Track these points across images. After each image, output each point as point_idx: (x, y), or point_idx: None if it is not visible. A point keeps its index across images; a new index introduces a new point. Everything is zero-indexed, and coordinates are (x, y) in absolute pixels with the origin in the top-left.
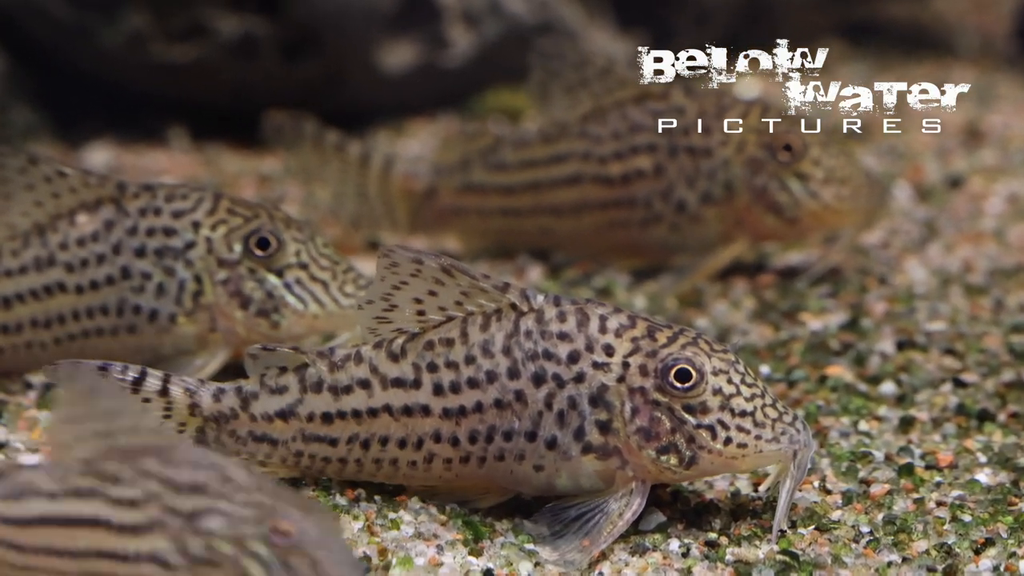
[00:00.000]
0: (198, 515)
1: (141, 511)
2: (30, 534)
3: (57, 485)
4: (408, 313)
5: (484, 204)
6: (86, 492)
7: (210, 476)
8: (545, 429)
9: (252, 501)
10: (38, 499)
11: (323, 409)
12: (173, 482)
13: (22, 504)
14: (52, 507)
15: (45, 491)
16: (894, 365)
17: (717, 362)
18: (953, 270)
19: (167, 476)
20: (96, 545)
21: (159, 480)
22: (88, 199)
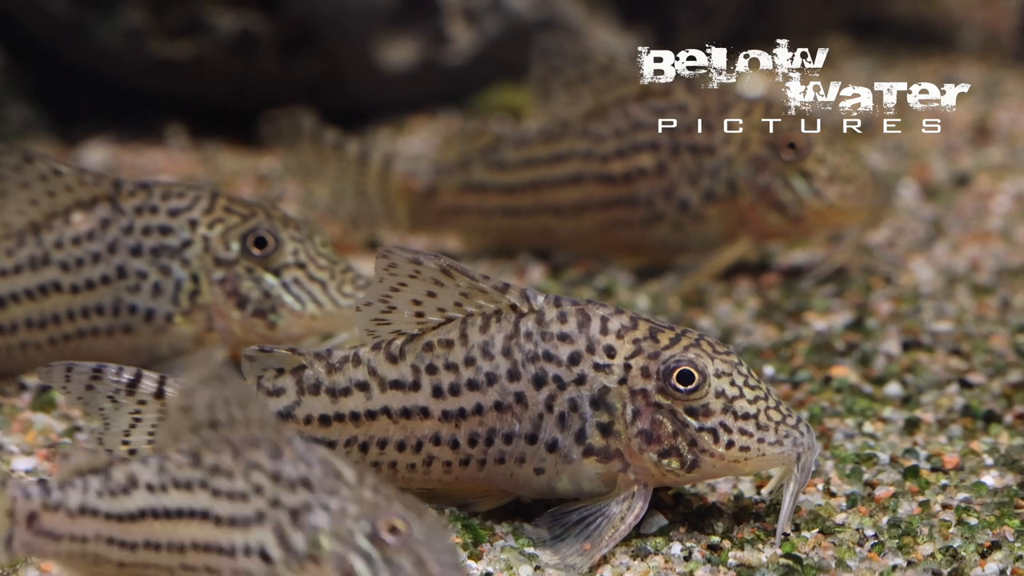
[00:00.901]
0: (303, 510)
1: (246, 504)
2: (133, 529)
3: (160, 477)
4: (407, 314)
5: (485, 203)
6: (191, 484)
7: (317, 472)
8: (546, 432)
9: (358, 498)
10: (143, 492)
11: (321, 411)
12: (280, 476)
13: (128, 497)
14: (157, 499)
15: (148, 483)
16: (899, 366)
17: (720, 364)
18: (959, 270)
19: (275, 470)
20: (199, 538)
21: (266, 474)
22: (84, 197)
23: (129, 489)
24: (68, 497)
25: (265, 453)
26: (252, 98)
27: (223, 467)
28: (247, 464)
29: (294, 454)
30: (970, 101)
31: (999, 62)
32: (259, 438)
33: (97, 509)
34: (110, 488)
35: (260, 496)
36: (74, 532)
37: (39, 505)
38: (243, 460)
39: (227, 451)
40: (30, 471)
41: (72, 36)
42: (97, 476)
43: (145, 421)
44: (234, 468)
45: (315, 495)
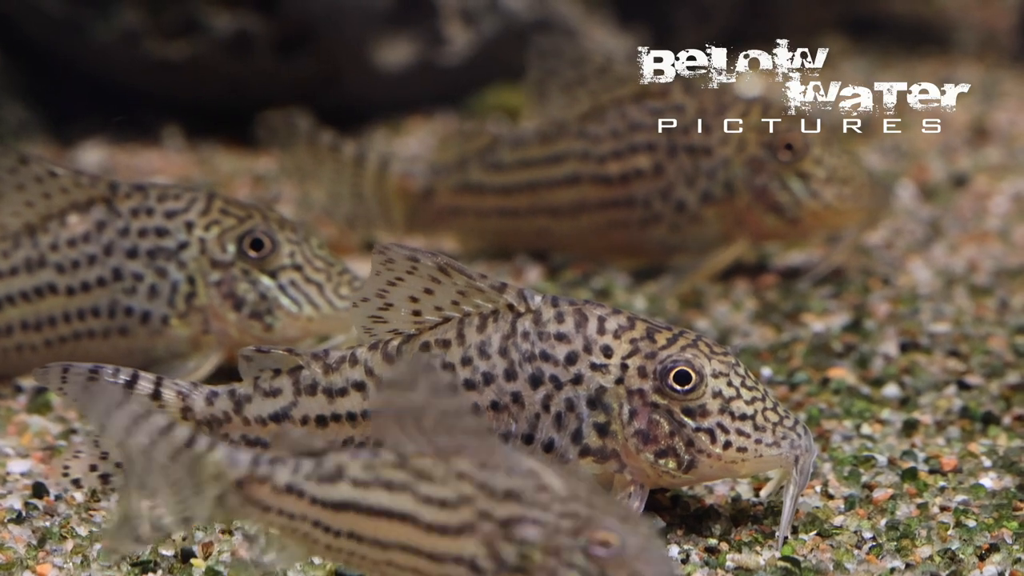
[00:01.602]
0: (513, 522)
1: (454, 512)
2: (338, 518)
3: (366, 474)
4: (403, 311)
5: (481, 204)
6: (396, 486)
7: (526, 483)
8: (542, 432)
9: (569, 511)
10: (348, 485)
11: (317, 412)
12: (488, 487)
13: (334, 487)
14: (361, 495)
15: (355, 478)
16: (897, 367)
17: (717, 364)
18: (958, 271)
19: (482, 480)
20: (404, 540)
21: (474, 483)
22: (79, 199)
23: (336, 479)
24: (276, 473)
25: (473, 462)
26: (248, 98)
27: (429, 472)
28: (455, 472)
29: (503, 465)
30: (968, 101)
31: (997, 62)
32: (467, 445)
33: (304, 491)
34: (320, 474)
35: (468, 506)
36: (282, 508)
37: (246, 474)
38: (451, 468)
39: (436, 457)
40: (25, 474)
41: (68, 36)
42: (311, 459)
43: None
44: (442, 475)
45: (525, 508)
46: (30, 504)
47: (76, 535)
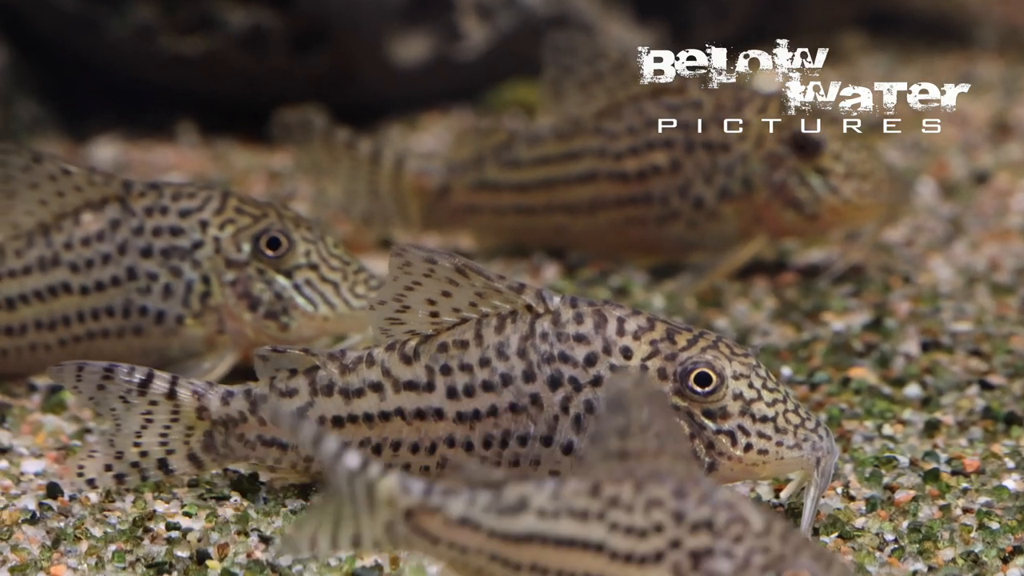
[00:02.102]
0: (704, 554)
1: (645, 541)
2: (520, 551)
3: (554, 503)
4: (421, 314)
5: (498, 202)
6: (588, 515)
7: (722, 514)
8: (561, 434)
9: (762, 546)
10: (533, 516)
11: (334, 412)
12: (683, 516)
13: (516, 519)
14: (548, 526)
15: (542, 509)
16: (919, 367)
17: (738, 366)
18: (979, 269)
19: (677, 508)
20: (592, 570)
21: (668, 511)
22: (93, 198)
23: (519, 510)
24: (450, 504)
25: (669, 490)
26: (263, 94)
27: (623, 500)
28: (648, 500)
29: (699, 494)
30: (989, 97)
31: (1018, 58)
32: (664, 473)
33: (480, 524)
34: (499, 506)
35: (660, 535)
36: (454, 540)
37: (417, 504)
38: (644, 495)
39: (628, 483)
40: (40, 474)
41: (81, 31)
42: (487, 491)
43: (157, 422)
44: (634, 502)
45: (719, 540)
46: (44, 505)
47: (91, 536)
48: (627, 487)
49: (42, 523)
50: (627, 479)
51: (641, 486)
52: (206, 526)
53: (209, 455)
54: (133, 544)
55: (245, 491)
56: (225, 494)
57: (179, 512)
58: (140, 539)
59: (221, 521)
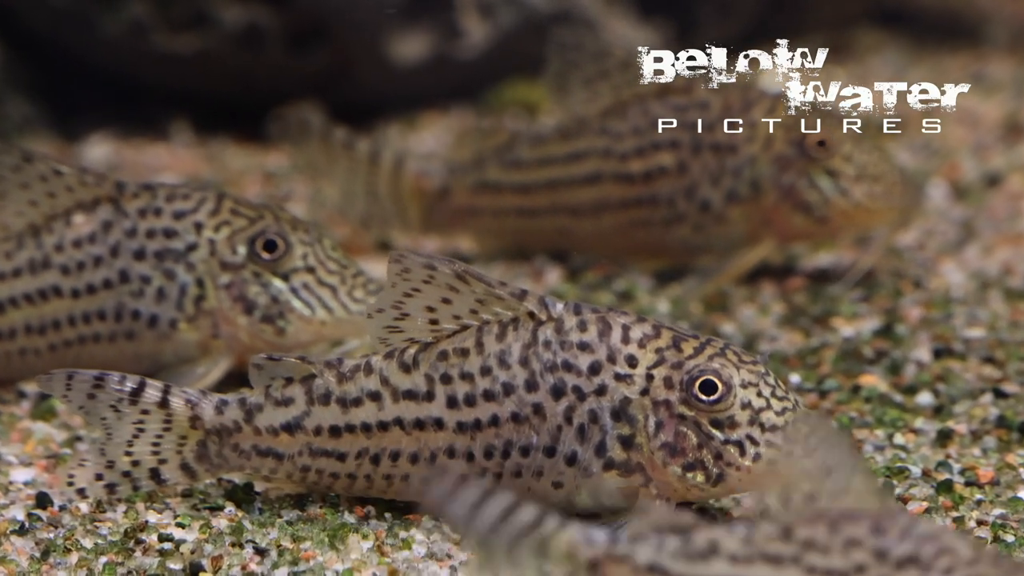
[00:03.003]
0: None
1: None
2: None
3: (746, 549)
4: (420, 322)
5: (499, 203)
6: (782, 559)
7: (928, 547)
8: (565, 444)
9: (977, 575)
10: (724, 562)
11: (331, 422)
12: (885, 553)
13: (707, 564)
14: (740, 571)
15: (733, 554)
16: (931, 374)
17: (746, 374)
18: (992, 273)
19: (878, 546)
20: None
21: (869, 550)
22: (85, 199)
23: (708, 556)
24: (637, 551)
25: (866, 528)
26: (259, 93)
27: (818, 542)
28: (845, 540)
29: (899, 529)
30: (1000, 97)
31: None
32: (858, 512)
33: (669, 571)
34: (688, 551)
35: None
36: None
37: (603, 553)
38: (840, 535)
39: (822, 525)
40: (29, 483)
41: (73, 28)
42: (675, 536)
43: (149, 431)
44: (830, 543)
45: (927, 574)
46: (33, 515)
47: (81, 547)
48: (821, 528)
49: (31, 534)
50: (819, 520)
51: (836, 526)
52: (200, 537)
53: (203, 465)
54: (124, 556)
55: (240, 502)
56: (219, 505)
57: (172, 523)
58: (132, 551)
59: (215, 532)
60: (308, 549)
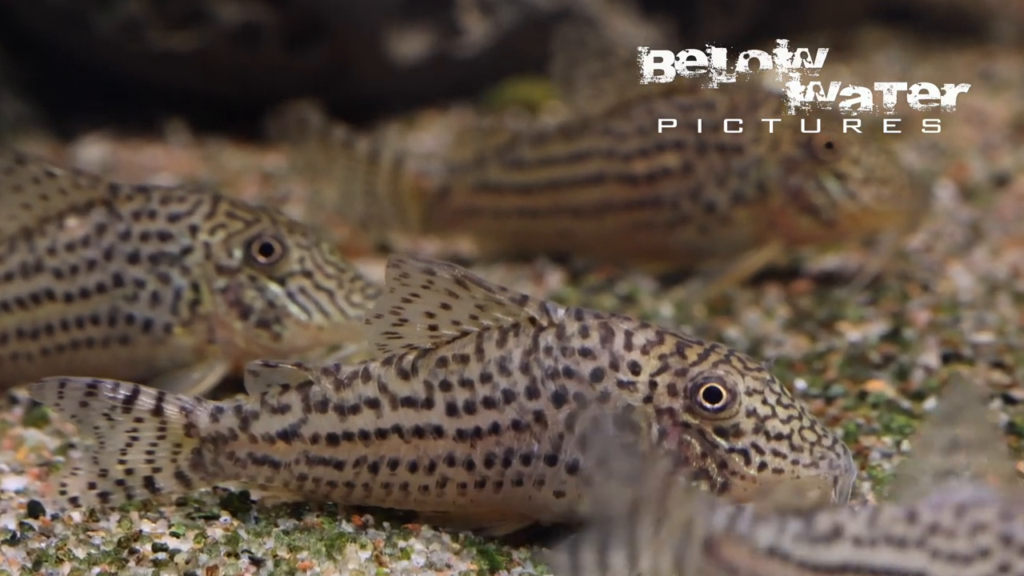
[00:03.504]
0: None
1: (971, 567)
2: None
3: (871, 531)
4: (419, 328)
5: (500, 204)
6: (907, 542)
7: None
8: (566, 452)
9: None
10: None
11: (328, 430)
12: (1012, 538)
13: (830, 549)
14: (866, 555)
15: (856, 536)
16: (939, 380)
17: (751, 381)
18: (1001, 276)
19: (1004, 531)
20: None
21: (995, 535)
22: (79, 201)
23: (833, 539)
24: (758, 533)
25: (994, 512)
26: (256, 92)
27: (943, 526)
28: (973, 524)
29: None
30: (1008, 96)
31: None
32: (987, 496)
33: (790, 554)
34: (811, 534)
35: (987, 560)
36: (757, 572)
37: (722, 532)
38: (967, 519)
39: (949, 509)
40: (21, 491)
41: (68, 27)
42: (799, 519)
43: (143, 439)
44: (956, 527)
45: None
46: (25, 524)
47: (74, 558)
48: (948, 512)
49: (23, 544)
50: (946, 504)
51: (963, 511)
52: (194, 547)
53: (198, 473)
54: (118, 566)
55: (235, 510)
56: (214, 513)
57: (166, 532)
58: (125, 561)
59: (210, 542)
60: (305, 559)
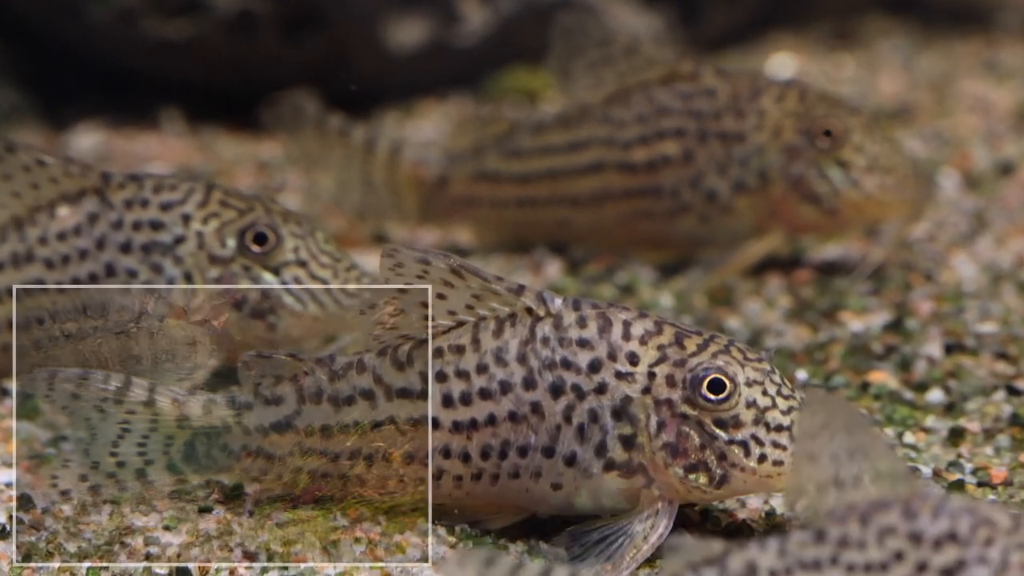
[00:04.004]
0: (957, 568)
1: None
2: None
3: (783, 561)
4: (414, 318)
5: (499, 193)
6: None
7: (963, 522)
8: (564, 444)
9: (1019, 543)
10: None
11: (323, 421)
12: (921, 535)
13: None
14: None
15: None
16: (942, 370)
17: (751, 372)
18: (1005, 266)
19: (911, 529)
20: None
21: (903, 535)
22: (70, 190)
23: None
24: None
25: (897, 514)
26: (252, 81)
27: (852, 538)
28: (879, 530)
29: (930, 508)
30: (1013, 84)
31: None
32: (885, 499)
33: None
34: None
35: (903, 563)
36: None
37: None
38: (873, 526)
39: (853, 519)
40: (11, 484)
41: (62, 15)
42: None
43: (134, 431)
44: (865, 537)
45: (968, 549)
46: (15, 517)
47: (64, 551)
48: (852, 523)
49: (12, 537)
50: (850, 516)
51: (867, 518)
52: (187, 541)
53: (190, 466)
54: (109, 560)
55: (229, 503)
56: (207, 507)
57: (158, 526)
58: (117, 555)
59: (203, 536)
60: (299, 553)
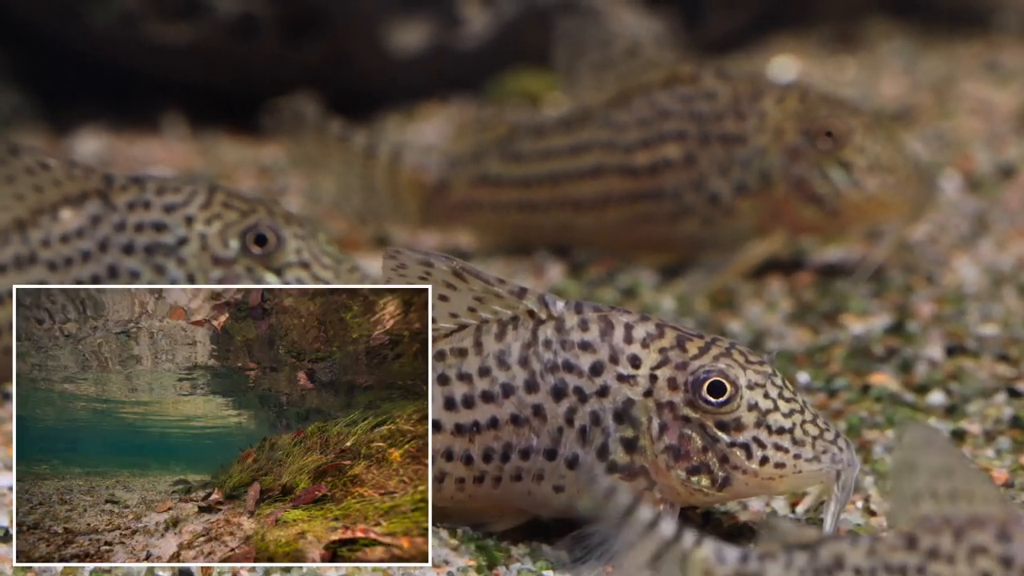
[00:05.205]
0: None
1: None
2: None
3: (870, 561)
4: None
5: (500, 197)
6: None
7: None
8: (566, 447)
9: None
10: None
11: None
12: (1012, 560)
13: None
14: None
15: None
16: (943, 373)
17: (753, 375)
18: (1006, 268)
19: (1004, 554)
20: None
21: (995, 557)
22: (72, 193)
23: (834, 571)
24: (768, 570)
25: (991, 534)
26: (254, 84)
27: (942, 551)
28: (971, 547)
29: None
30: (1015, 86)
31: None
32: (984, 517)
33: None
34: (815, 567)
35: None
36: None
37: (733, 572)
38: (966, 543)
39: (947, 532)
40: (12, 488)
41: (63, 18)
42: (804, 552)
43: None
44: (955, 552)
45: None
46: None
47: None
48: (946, 536)
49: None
50: (944, 528)
51: (961, 533)
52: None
53: None
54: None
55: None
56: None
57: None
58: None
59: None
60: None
